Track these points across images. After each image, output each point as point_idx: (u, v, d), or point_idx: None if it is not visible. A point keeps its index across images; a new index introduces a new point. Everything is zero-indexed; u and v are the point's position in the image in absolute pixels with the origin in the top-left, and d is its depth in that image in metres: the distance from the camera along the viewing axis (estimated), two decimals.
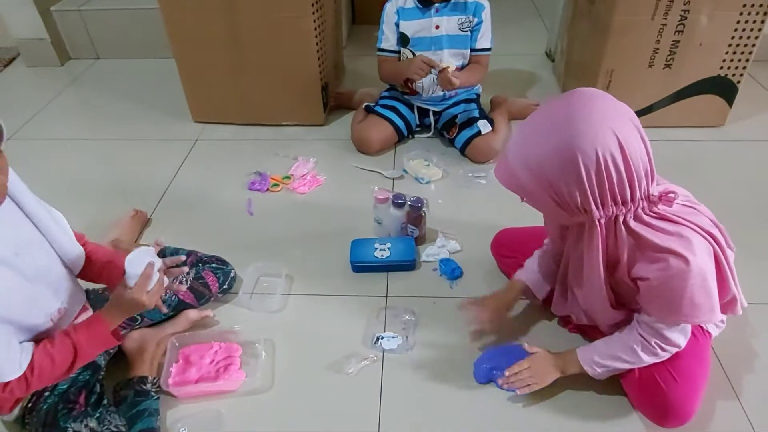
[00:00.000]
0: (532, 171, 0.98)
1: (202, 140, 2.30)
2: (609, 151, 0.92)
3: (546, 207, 1.06)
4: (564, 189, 0.97)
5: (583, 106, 0.95)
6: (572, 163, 0.93)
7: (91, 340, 1.12)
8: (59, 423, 1.15)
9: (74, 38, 3.01)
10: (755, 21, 1.95)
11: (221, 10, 2.06)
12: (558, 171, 0.95)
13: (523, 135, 1.02)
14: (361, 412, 1.28)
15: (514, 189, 1.06)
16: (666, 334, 1.11)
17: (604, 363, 1.20)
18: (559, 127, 0.94)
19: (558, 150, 0.94)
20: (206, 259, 1.55)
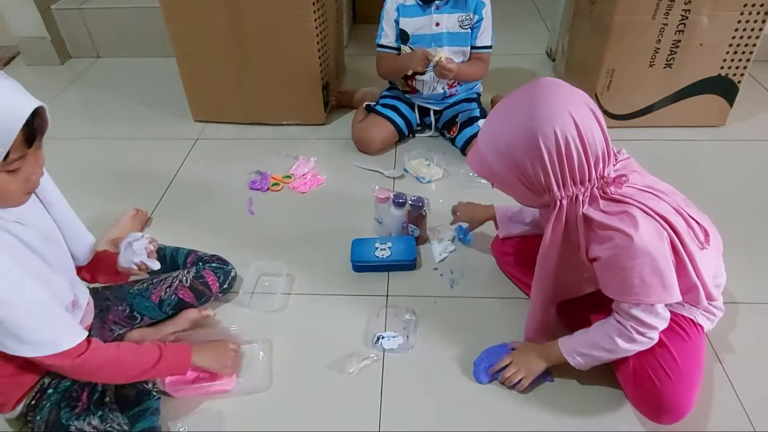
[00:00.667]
0: (501, 154, 1.06)
1: (202, 139, 2.30)
2: (567, 131, 0.99)
3: (515, 189, 1.12)
4: (530, 170, 1.04)
5: (543, 92, 1.03)
6: (535, 144, 1.00)
7: (175, 361, 1.22)
8: (62, 421, 1.15)
9: (75, 37, 3.01)
10: (756, 21, 1.95)
11: (221, 9, 2.06)
12: (523, 152, 1.02)
13: (491, 122, 1.10)
14: (361, 412, 1.28)
15: (486, 174, 1.14)
16: (640, 317, 1.11)
17: (583, 352, 1.22)
18: (522, 112, 1.03)
19: (522, 133, 1.02)
20: (206, 259, 1.55)
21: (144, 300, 1.40)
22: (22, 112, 0.90)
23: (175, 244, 1.60)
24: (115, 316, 1.36)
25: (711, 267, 1.17)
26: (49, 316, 1.04)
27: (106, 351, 1.12)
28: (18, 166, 0.94)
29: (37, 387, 1.17)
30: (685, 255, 1.08)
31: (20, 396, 1.16)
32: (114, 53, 3.05)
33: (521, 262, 1.51)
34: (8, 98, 0.90)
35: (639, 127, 2.20)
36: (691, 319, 1.23)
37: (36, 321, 1.01)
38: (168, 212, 1.91)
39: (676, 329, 1.20)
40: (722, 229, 1.20)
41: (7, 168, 0.93)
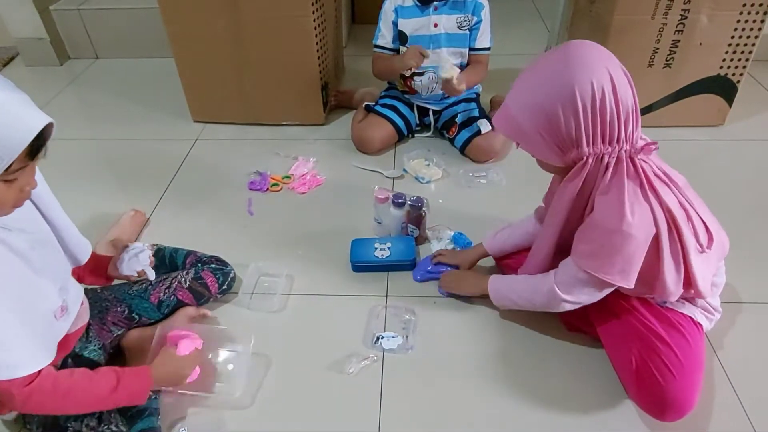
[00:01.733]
0: (533, 109, 1.05)
1: (201, 140, 2.30)
2: (603, 85, 1.00)
3: (541, 147, 1.10)
4: (562, 123, 1.03)
5: (578, 49, 1.03)
6: (571, 96, 1.00)
7: (134, 379, 1.16)
8: (59, 422, 1.14)
9: (73, 38, 3.01)
10: (755, 21, 1.95)
11: (220, 10, 2.06)
12: (557, 105, 1.02)
13: (523, 80, 1.09)
14: (361, 412, 1.28)
15: (512, 133, 1.12)
16: (579, 285, 1.17)
17: (505, 294, 1.35)
18: (558, 66, 1.03)
19: (558, 85, 1.01)
20: (206, 260, 1.55)
21: (143, 301, 1.40)
22: (32, 128, 0.91)
23: (174, 245, 1.60)
24: (113, 317, 1.36)
25: (709, 269, 1.17)
26: (10, 337, 0.99)
27: (55, 382, 1.06)
28: (16, 177, 0.94)
29: None
30: (679, 249, 1.09)
31: None
32: (113, 54, 3.05)
33: (522, 262, 1.50)
34: (21, 112, 0.91)
35: None
36: (690, 317, 1.23)
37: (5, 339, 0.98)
38: (167, 213, 1.91)
39: (677, 327, 1.20)
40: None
41: (5, 178, 0.93)
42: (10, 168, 0.91)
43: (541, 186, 1.84)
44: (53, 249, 1.16)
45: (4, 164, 0.89)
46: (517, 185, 1.96)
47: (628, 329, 1.23)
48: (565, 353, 1.38)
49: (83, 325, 1.26)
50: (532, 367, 1.36)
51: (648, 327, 1.21)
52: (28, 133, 0.90)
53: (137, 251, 1.36)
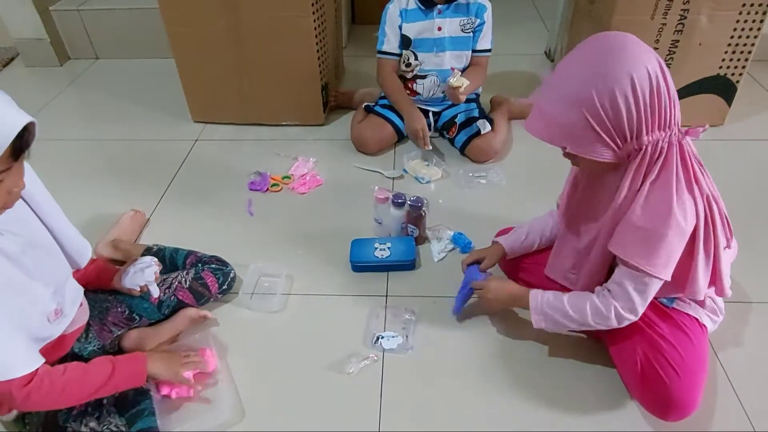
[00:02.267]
0: (582, 106, 0.99)
1: (201, 140, 2.30)
2: (655, 70, 0.97)
3: (593, 146, 1.03)
4: (622, 114, 0.98)
5: (620, 39, 0.99)
6: (629, 85, 0.96)
7: (130, 365, 1.18)
8: (59, 423, 1.15)
9: (73, 38, 3.01)
10: (754, 21, 1.96)
11: (221, 10, 2.06)
12: (614, 97, 0.97)
13: (563, 78, 1.03)
14: (361, 412, 1.28)
15: (557, 136, 1.05)
16: (633, 296, 1.12)
17: (552, 316, 1.22)
18: (607, 58, 0.97)
19: (613, 76, 0.96)
20: (206, 260, 1.55)
21: (143, 301, 1.40)
22: (13, 127, 0.89)
23: (174, 245, 1.60)
24: (114, 317, 1.36)
25: (728, 266, 1.17)
26: (3, 339, 1.00)
27: (50, 379, 1.07)
28: (2, 178, 0.93)
29: None
30: (712, 244, 1.09)
31: None
32: (113, 54, 3.05)
33: (524, 261, 1.51)
34: (4, 113, 0.89)
35: None
36: (696, 319, 1.23)
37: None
38: (167, 213, 1.91)
39: (682, 327, 1.20)
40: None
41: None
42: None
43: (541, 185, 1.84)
44: (49, 252, 1.14)
45: None
46: (517, 185, 1.96)
47: (632, 329, 1.22)
48: (566, 353, 1.38)
49: (81, 326, 1.26)
50: (533, 366, 1.36)
51: (652, 327, 1.21)
52: (10, 132, 0.89)
53: (144, 266, 1.37)
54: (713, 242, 1.09)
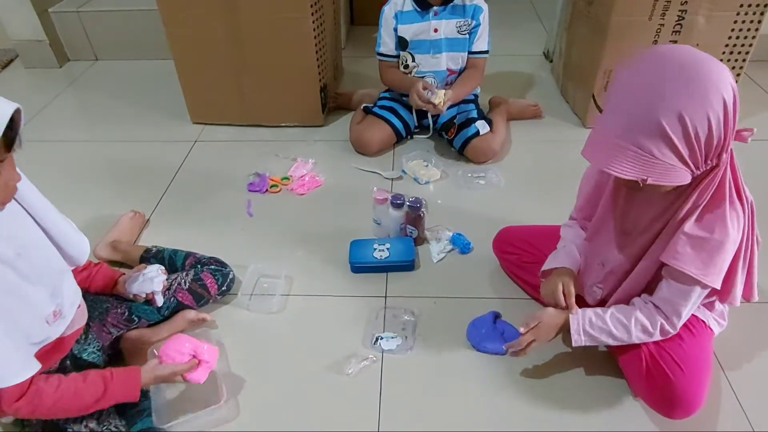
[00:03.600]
0: (669, 134, 0.90)
1: (200, 141, 2.30)
2: (734, 86, 0.91)
3: (673, 175, 0.94)
4: (709, 139, 0.92)
5: (696, 54, 0.92)
6: (720, 108, 0.89)
7: (124, 384, 1.16)
8: (59, 423, 1.15)
9: (72, 40, 3.01)
10: (752, 21, 1.96)
11: (220, 12, 2.06)
12: (705, 121, 0.89)
13: (641, 100, 0.92)
14: (360, 413, 1.28)
15: (640, 170, 0.93)
16: (681, 309, 1.11)
17: (594, 336, 1.19)
18: (693, 77, 0.89)
19: (703, 99, 0.88)
20: (205, 261, 1.55)
21: (142, 303, 1.40)
22: (2, 116, 0.88)
23: (173, 246, 1.60)
24: (113, 318, 1.36)
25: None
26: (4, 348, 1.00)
27: (40, 397, 1.06)
28: (1, 169, 0.94)
29: None
30: (749, 249, 1.09)
31: None
32: (112, 56, 3.05)
33: (525, 261, 1.51)
34: None
35: None
36: (703, 321, 1.23)
37: None
38: (166, 214, 1.91)
39: (689, 327, 1.20)
40: None
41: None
42: None
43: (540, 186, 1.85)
44: (44, 253, 1.13)
45: None
46: (516, 186, 1.97)
47: None
48: (566, 352, 1.38)
49: (80, 327, 1.26)
50: (532, 366, 1.36)
51: None
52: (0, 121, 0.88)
53: (153, 275, 1.38)
54: (751, 248, 1.09)
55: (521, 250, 1.52)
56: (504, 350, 1.33)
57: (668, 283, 1.12)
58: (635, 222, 1.16)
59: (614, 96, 0.97)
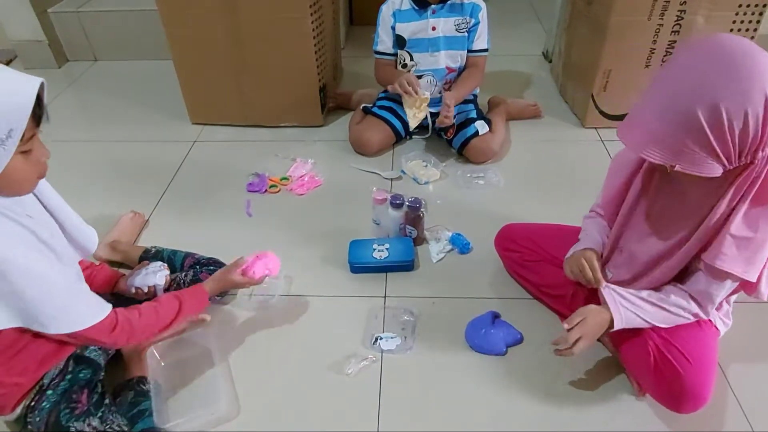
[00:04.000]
0: (703, 123, 0.90)
1: (200, 142, 2.30)
2: None
3: (704, 165, 0.94)
4: (745, 135, 0.91)
5: (747, 46, 0.90)
6: (761, 104, 0.88)
7: (193, 297, 1.30)
8: (62, 422, 1.15)
9: (72, 40, 3.01)
10: (751, 21, 1.96)
11: (219, 12, 2.06)
12: (742, 115, 0.89)
13: (681, 85, 0.92)
14: (360, 413, 1.28)
15: (670, 155, 0.94)
16: (716, 299, 1.12)
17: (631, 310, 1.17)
18: (737, 68, 0.88)
19: (744, 93, 0.88)
20: (204, 261, 1.55)
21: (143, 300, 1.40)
22: (30, 90, 0.91)
23: (172, 247, 1.60)
24: None
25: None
26: (81, 291, 1.09)
27: (131, 324, 1.15)
28: (31, 147, 0.97)
29: (37, 388, 1.17)
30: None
31: (20, 398, 1.16)
32: (111, 56, 3.05)
33: (527, 260, 1.50)
34: (13, 77, 0.91)
35: None
36: (709, 320, 1.23)
37: (71, 297, 1.05)
38: (166, 214, 1.91)
39: (694, 324, 1.20)
40: None
41: (22, 149, 0.95)
42: (23, 137, 0.93)
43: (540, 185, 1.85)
44: (62, 239, 1.17)
45: (18, 134, 0.91)
46: (515, 186, 1.97)
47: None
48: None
49: None
50: (532, 366, 1.36)
51: None
52: (28, 95, 0.91)
53: (156, 270, 1.40)
54: None
55: (524, 248, 1.51)
56: (504, 351, 1.34)
57: (707, 277, 1.12)
58: (662, 213, 1.15)
59: (661, 77, 0.96)
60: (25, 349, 1.11)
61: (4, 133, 0.89)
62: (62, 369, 1.20)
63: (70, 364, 1.22)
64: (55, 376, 1.18)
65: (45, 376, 1.17)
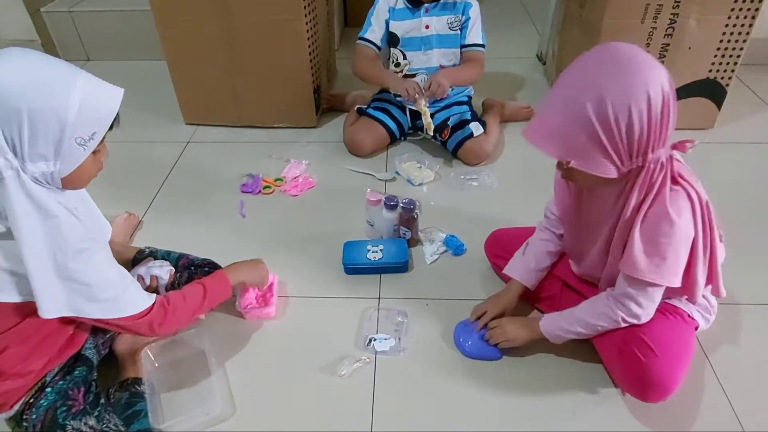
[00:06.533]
0: (592, 119, 0.96)
1: (193, 142, 2.30)
2: (666, 89, 0.96)
3: (597, 163, 1.00)
4: (634, 130, 0.96)
5: (636, 52, 0.97)
6: (644, 101, 0.94)
7: (217, 286, 1.32)
8: (58, 421, 1.14)
9: (65, 40, 3.00)
10: (743, 25, 1.98)
11: (213, 13, 2.06)
12: (626, 111, 0.94)
13: (574, 86, 0.99)
14: (353, 414, 1.28)
15: (565, 150, 1.02)
16: (640, 299, 1.15)
17: (567, 328, 1.26)
18: (622, 69, 0.95)
19: (627, 91, 0.94)
20: (198, 263, 1.54)
21: None
22: (116, 97, 1.03)
23: (166, 248, 1.59)
24: None
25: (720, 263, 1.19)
26: (127, 279, 1.14)
27: (166, 312, 1.18)
28: (101, 147, 1.06)
29: (37, 386, 1.16)
30: (707, 246, 1.10)
31: (20, 395, 1.15)
32: (104, 56, 3.04)
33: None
34: (104, 86, 1.02)
35: None
36: (684, 310, 1.24)
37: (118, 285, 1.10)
38: (159, 215, 1.90)
39: (664, 314, 1.22)
40: None
41: (96, 149, 1.03)
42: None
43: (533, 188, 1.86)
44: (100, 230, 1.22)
45: (99, 137, 1.01)
46: (509, 187, 1.97)
47: None
48: (558, 352, 1.38)
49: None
50: (525, 367, 1.37)
51: None
52: (114, 102, 1.02)
53: (161, 265, 1.42)
54: (711, 245, 1.11)
55: (511, 253, 1.51)
56: (500, 355, 1.37)
57: (627, 281, 1.16)
58: (590, 214, 1.21)
59: (561, 77, 1.03)
60: (47, 338, 1.13)
61: (88, 135, 0.99)
62: (62, 366, 1.20)
63: (68, 363, 1.22)
64: (56, 373, 1.18)
65: (47, 373, 1.17)
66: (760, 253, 1.67)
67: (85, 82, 0.96)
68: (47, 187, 1.00)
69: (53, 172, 0.98)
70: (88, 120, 0.97)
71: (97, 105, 0.99)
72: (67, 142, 0.96)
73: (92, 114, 0.98)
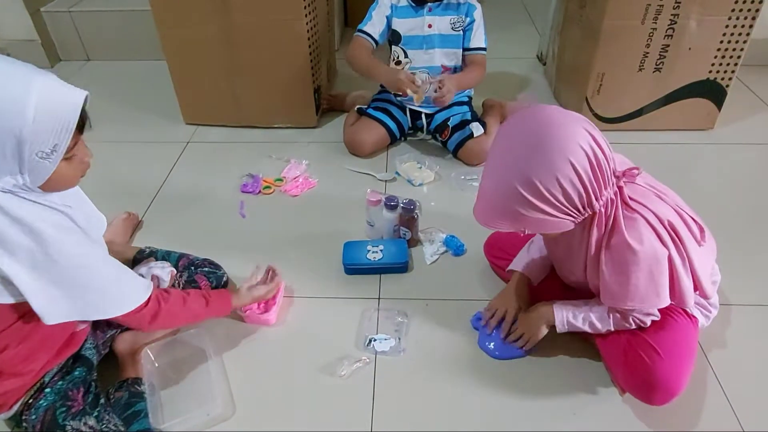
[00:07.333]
0: (528, 198, 0.99)
1: (193, 142, 2.30)
2: (589, 143, 0.98)
3: (549, 226, 1.05)
4: (569, 196, 1.00)
5: (547, 118, 1.00)
6: (568, 168, 0.97)
7: (219, 300, 1.35)
8: (58, 421, 1.14)
9: (64, 40, 2.99)
10: (743, 26, 1.98)
11: (213, 13, 2.05)
12: (556, 183, 0.98)
13: (503, 171, 1.03)
14: (353, 415, 1.28)
15: (516, 225, 1.06)
16: (636, 315, 1.20)
17: (575, 324, 1.27)
18: (538, 144, 0.98)
19: (549, 164, 0.97)
20: (198, 263, 1.55)
21: None
22: (77, 103, 0.98)
23: (166, 248, 1.59)
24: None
25: (708, 265, 1.19)
26: (124, 276, 1.15)
27: (160, 305, 1.20)
28: (74, 153, 1.02)
29: (36, 386, 1.16)
30: (685, 258, 1.11)
31: (19, 395, 1.15)
32: (104, 56, 3.04)
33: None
34: (62, 91, 0.96)
35: (629, 130, 2.22)
36: (685, 310, 1.25)
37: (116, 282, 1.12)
38: (159, 215, 1.90)
39: (667, 314, 1.22)
40: (711, 231, 1.21)
41: (65, 157, 0.99)
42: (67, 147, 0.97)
43: None
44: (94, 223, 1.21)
45: (62, 148, 0.97)
46: None
47: None
48: (557, 351, 1.39)
49: (89, 324, 1.26)
50: (525, 367, 1.37)
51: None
52: (74, 108, 0.97)
53: (162, 265, 1.43)
54: (687, 257, 1.11)
55: (510, 255, 1.51)
56: (525, 353, 1.39)
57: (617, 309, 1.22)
58: (564, 252, 1.25)
59: (490, 157, 1.07)
60: (47, 338, 1.13)
61: (49, 148, 0.95)
62: (62, 367, 1.20)
63: (68, 363, 1.22)
64: (55, 374, 1.18)
65: (46, 374, 1.17)
66: (760, 254, 1.67)
67: (41, 94, 0.91)
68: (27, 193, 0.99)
69: (25, 183, 0.97)
70: (46, 133, 0.93)
71: (54, 117, 0.93)
72: (28, 157, 0.93)
73: (49, 126, 0.93)
